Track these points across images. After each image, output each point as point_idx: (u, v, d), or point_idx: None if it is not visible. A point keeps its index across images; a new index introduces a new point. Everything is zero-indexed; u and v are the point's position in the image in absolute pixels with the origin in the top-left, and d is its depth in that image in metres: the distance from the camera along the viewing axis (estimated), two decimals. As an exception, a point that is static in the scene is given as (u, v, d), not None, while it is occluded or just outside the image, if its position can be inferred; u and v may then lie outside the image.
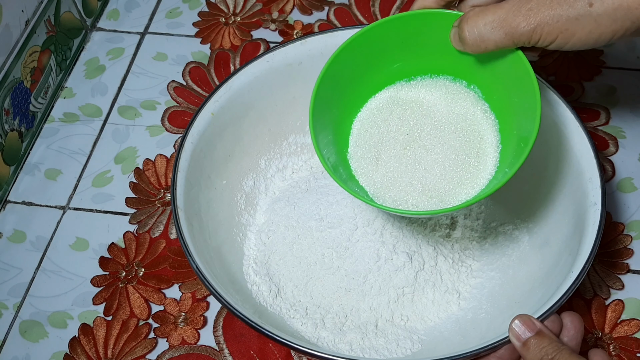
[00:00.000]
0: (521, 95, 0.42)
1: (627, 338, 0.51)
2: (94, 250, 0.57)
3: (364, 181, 0.46)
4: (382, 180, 0.45)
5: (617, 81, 0.65)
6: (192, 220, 0.48)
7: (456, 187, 0.44)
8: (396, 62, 0.46)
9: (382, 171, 0.45)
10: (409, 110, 0.46)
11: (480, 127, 0.45)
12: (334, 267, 0.50)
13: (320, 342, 0.48)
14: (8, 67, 0.60)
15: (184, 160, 0.49)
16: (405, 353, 0.47)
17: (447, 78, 0.46)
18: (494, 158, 0.44)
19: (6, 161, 0.61)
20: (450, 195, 0.44)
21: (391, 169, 0.45)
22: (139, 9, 0.74)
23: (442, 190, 0.44)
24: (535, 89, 0.41)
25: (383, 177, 0.45)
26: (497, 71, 0.43)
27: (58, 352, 0.52)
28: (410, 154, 0.45)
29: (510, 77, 0.43)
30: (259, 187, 0.56)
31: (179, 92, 0.67)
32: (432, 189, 0.44)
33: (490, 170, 0.44)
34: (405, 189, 0.44)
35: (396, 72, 0.47)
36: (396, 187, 0.45)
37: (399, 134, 0.46)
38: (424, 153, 0.45)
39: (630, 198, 0.58)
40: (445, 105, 0.46)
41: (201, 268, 0.44)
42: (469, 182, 0.44)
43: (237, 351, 0.51)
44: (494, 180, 0.43)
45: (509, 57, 0.42)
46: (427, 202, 0.44)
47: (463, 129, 0.45)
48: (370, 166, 0.46)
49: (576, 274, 0.42)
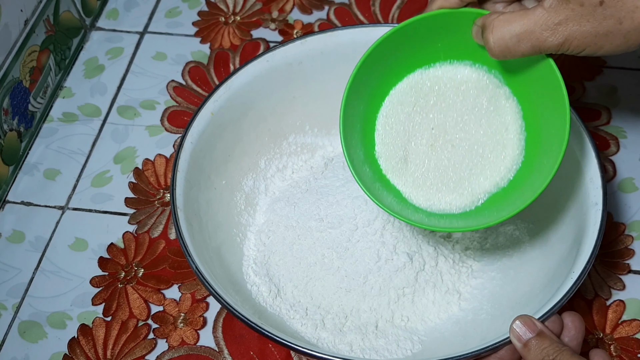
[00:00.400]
0: (545, 87, 0.42)
1: (628, 339, 0.51)
2: (93, 250, 0.57)
3: (395, 180, 0.45)
4: (412, 180, 0.45)
5: (619, 81, 0.65)
6: (192, 220, 0.48)
7: (485, 180, 0.44)
8: (418, 55, 0.46)
9: (412, 169, 0.45)
10: (431, 102, 0.45)
11: (504, 116, 0.44)
12: (334, 267, 0.50)
13: (320, 343, 0.48)
14: (7, 66, 0.59)
15: (184, 160, 0.49)
16: (406, 354, 0.47)
17: (466, 63, 0.45)
18: (520, 147, 0.44)
19: (5, 161, 0.60)
20: (479, 187, 0.44)
21: (421, 167, 0.45)
22: (138, 8, 0.74)
23: (472, 184, 0.44)
24: (561, 87, 0.41)
25: (413, 175, 0.45)
26: (520, 64, 0.43)
27: (57, 352, 0.52)
28: (438, 150, 0.45)
29: (534, 73, 0.42)
30: (259, 187, 0.56)
31: (179, 92, 0.66)
32: (463, 185, 0.44)
33: (517, 160, 0.44)
34: (437, 187, 0.45)
35: (415, 60, 0.46)
36: (427, 186, 0.45)
37: (425, 130, 0.45)
38: (451, 149, 0.45)
39: (631, 198, 0.57)
40: (467, 91, 0.45)
41: (200, 268, 0.44)
42: (496, 171, 0.44)
43: (237, 352, 0.51)
44: (523, 173, 0.44)
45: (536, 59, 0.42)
46: (459, 199, 0.44)
47: (487, 119, 0.44)
48: (399, 165, 0.45)
49: (577, 275, 0.42)
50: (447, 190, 0.44)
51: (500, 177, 0.44)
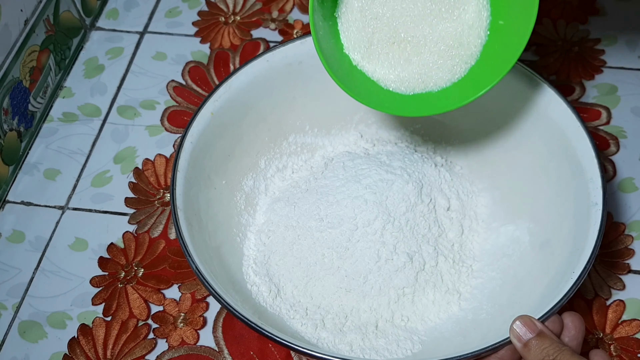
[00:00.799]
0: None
1: (628, 339, 0.51)
2: (93, 250, 0.57)
3: (367, 69, 0.46)
4: (382, 64, 0.45)
5: (618, 81, 0.65)
6: (192, 220, 0.48)
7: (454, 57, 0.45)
8: None
9: (379, 54, 0.46)
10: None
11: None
12: (334, 267, 0.50)
13: (320, 343, 0.48)
14: (7, 66, 0.59)
15: (184, 159, 0.49)
16: (406, 354, 0.47)
17: None
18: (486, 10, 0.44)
19: (5, 161, 0.60)
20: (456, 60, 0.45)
21: (388, 50, 0.45)
22: (138, 8, 0.74)
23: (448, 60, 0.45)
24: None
25: (382, 60, 0.45)
26: None
27: (57, 352, 0.52)
28: (403, 41, 0.45)
29: None
30: (259, 187, 0.56)
31: (179, 92, 0.66)
32: (439, 61, 0.45)
33: (482, 37, 0.45)
34: (410, 64, 0.45)
35: None
36: (400, 65, 0.45)
37: (386, 27, 0.46)
38: (415, 46, 0.45)
39: (631, 198, 0.58)
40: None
41: (200, 268, 0.44)
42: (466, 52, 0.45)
43: (237, 352, 0.51)
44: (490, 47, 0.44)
45: None
46: (436, 75, 0.45)
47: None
48: (367, 52, 0.46)
49: (577, 275, 0.42)
50: (423, 67, 0.45)
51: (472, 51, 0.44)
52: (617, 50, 0.67)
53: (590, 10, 0.70)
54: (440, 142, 0.58)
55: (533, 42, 0.68)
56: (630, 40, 0.68)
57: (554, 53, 0.67)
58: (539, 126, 0.51)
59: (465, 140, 0.56)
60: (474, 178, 0.56)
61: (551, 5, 0.71)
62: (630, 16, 0.70)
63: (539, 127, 0.51)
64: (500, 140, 0.54)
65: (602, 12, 0.70)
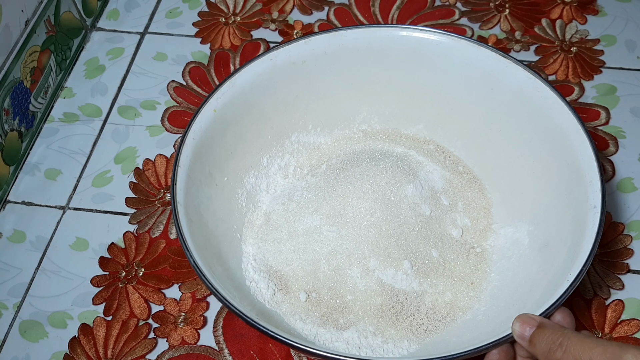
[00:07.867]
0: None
1: (627, 338, 0.51)
2: (93, 250, 0.57)
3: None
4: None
5: (617, 81, 0.65)
6: (192, 216, 0.47)
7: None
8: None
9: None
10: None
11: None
12: (334, 266, 0.50)
13: (318, 340, 0.48)
14: (8, 67, 0.60)
15: (185, 156, 0.49)
16: (402, 353, 0.47)
17: None
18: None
19: (6, 161, 0.61)
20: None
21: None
22: (139, 8, 0.74)
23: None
24: None
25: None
26: None
27: (58, 352, 0.52)
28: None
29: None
30: (260, 184, 0.56)
31: (179, 92, 0.67)
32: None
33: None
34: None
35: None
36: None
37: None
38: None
39: (630, 198, 0.58)
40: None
41: (199, 264, 0.44)
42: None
43: (237, 351, 0.52)
44: None
45: None
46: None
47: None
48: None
49: (574, 277, 0.42)
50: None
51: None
52: (616, 50, 0.67)
53: (590, 11, 0.71)
54: (441, 143, 0.58)
55: (533, 42, 0.68)
56: (629, 40, 0.68)
57: (554, 53, 0.67)
58: (539, 128, 0.51)
59: (466, 142, 0.57)
60: (475, 179, 0.56)
61: (551, 6, 0.71)
62: (630, 16, 0.70)
63: (538, 129, 0.51)
64: (500, 142, 0.54)
65: (602, 13, 0.70)
